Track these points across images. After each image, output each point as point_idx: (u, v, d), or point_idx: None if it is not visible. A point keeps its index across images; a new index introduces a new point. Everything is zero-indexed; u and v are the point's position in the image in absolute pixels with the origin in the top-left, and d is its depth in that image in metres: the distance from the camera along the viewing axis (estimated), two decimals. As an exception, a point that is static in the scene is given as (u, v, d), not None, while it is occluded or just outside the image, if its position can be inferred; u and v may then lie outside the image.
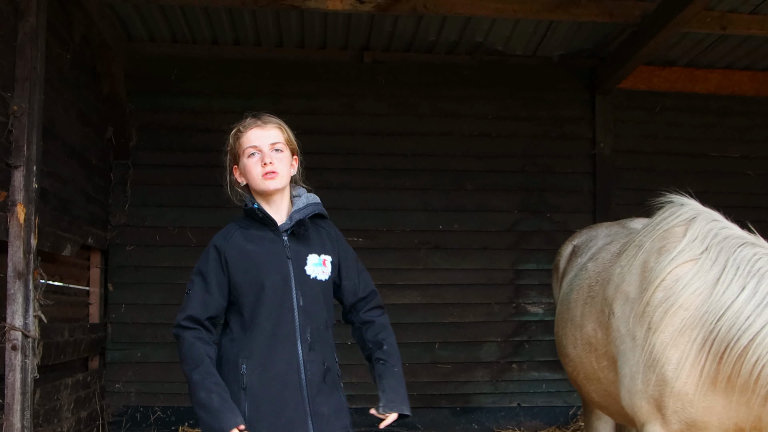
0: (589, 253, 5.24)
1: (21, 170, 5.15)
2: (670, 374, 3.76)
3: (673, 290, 3.83)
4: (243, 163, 3.52)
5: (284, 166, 3.51)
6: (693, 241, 3.93)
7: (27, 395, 5.10)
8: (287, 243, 3.47)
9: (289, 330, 3.37)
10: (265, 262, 3.42)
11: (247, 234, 3.48)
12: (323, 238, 3.59)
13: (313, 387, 3.36)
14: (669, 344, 3.77)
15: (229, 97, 8.40)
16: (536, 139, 8.82)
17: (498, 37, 8.28)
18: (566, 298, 5.17)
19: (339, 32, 8.18)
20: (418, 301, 8.58)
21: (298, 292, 3.41)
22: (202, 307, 3.40)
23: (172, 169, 8.36)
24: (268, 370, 3.33)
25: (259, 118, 3.57)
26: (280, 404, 3.31)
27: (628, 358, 4.05)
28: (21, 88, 5.23)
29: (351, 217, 8.31)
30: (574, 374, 5.04)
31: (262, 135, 3.51)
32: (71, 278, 7.26)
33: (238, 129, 3.57)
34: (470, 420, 8.57)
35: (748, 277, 3.63)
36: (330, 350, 3.51)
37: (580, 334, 4.75)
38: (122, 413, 8.13)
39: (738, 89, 9.08)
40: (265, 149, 3.48)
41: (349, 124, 8.56)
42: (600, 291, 4.55)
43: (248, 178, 3.51)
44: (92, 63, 7.53)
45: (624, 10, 7.22)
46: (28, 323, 5.12)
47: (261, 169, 3.45)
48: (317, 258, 3.51)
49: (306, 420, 3.33)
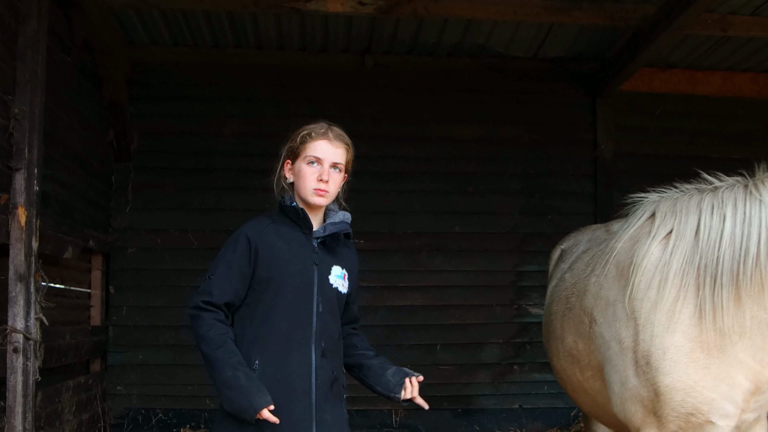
0: (570, 261, 5.22)
1: (22, 173, 5.17)
2: (666, 365, 3.71)
3: (657, 267, 3.85)
4: (300, 166, 3.54)
5: (336, 186, 3.58)
6: (660, 225, 3.99)
7: (28, 398, 5.11)
8: (317, 249, 3.52)
9: (305, 334, 3.40)
10: (293, 263, 3.45)
11: (280, 231, 3.51)
12: (346, 254, 3.67)
13: (321, 393, 3.39)
14: (660, 332, 3.75)
15: (230, 101, 8.42)
16: (537, 143, 8.83)
17: (499, 40, 8.28)
18: (548, 309, 5.16)
19: (340, 36, 8.19)
20: (419, 303, 8.58)
21: (319, 299, 3.45)
22: (222, 293, 3.39)
23: (173, 173, 8.36)
24: (280, 370, 3.35)
25: (331, 131, 3.62)
26: (287, 406, 3.31)
27: (615, 363, 4.01)
28: (22, 91, 5.25)
29: (353, 220, 8.27)
30: (563, 384, 5.05)
31: (329, 151, 3.56)
32: (73, 281, 7.26)
33: (309, 132, 3.58)
34: (472, 422, 8.57)
35: (725, 208, 3.75)
36: (339, 361, 3.56)
37: (561, 346, 4.74)
38: (124, 416, 8.14)
39: (739, 92, 9.06)
40: (326, 165, 3.53)
41: (351, 128, 8.42)
42: (577, 302, 4.52)
43: (300, 183, 3.54)
44: (93, 67, 7.55)
45: (625, 14, 7.21)
46: (30, 326, 5.13)
47: (315, 183, 3.50)
48: (340, 270, 3.58)
49: (311, 425, 3.34)
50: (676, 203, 4.02)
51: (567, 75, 8.91)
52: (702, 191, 3.97)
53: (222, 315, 3.39)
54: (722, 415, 3.67)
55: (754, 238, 3.62)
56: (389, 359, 3.75)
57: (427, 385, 8.35)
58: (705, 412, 3.67)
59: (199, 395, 8.19)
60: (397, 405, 8.30)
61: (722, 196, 3.83)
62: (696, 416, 3.70)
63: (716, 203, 3.81)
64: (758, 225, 3.63)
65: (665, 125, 8.98)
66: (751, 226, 3.64)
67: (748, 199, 3.73)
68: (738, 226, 3.68)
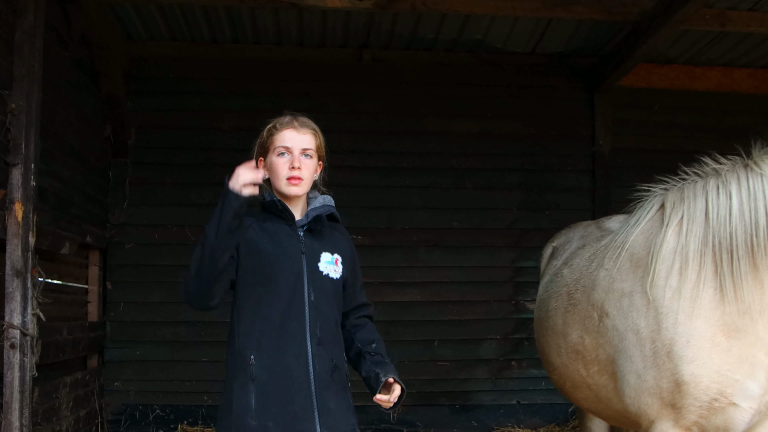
0: (563, 257, 5.23)
1: (19, 168, 5.16)
2: (690, 352, 3.74)
3: (676, 251, 3.91)
4: (271, 159, 3.52)
5: (309, 172, 3.53)
6: (672, 213, 4.06)
7: (26, 394, 5.10)
8: (302, 238, 3.49)
9: (299, 324, 3.38)
10: (280, 255, 3.43)
11: (264, 226, 3.49)
12: (336, 238, 3.63)
13: (321, 382, 3.37)
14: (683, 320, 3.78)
15: (228, 95, 8.41)
16: (536, 138, 8.82)
17: (497, 34, 8.27)
18: (544, 305, 5.14)
19: (338, 30, 8.17)
20: (417, 299, 8.58)
21: (310, 288, 3.43)
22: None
23: (170, 168, 8.35)
24: (277, 362, 3.33)
25: (296, 120, 3.56)
26: (287, 397, 3.31)
27: (631, 354, 4.01)
28: (19, 86, 5.23)
29: (351, 216, 8.25)
30: (561, 382, 5.02)
31: (296, 138, 3.51)
32: (70, 277, 7.25)
33: (274, 125, 3.56)
34: (470, 418, 8.57)
35: (730, 186, 3.85)
36: (339, 348, 3.53)
37: (564, 342, 4.72)
38: (121, 412, 8.13)
39: (738, 87, 9.06)
40: (296, 152, 3.49)
41: (349, 123, 8.55)
42: (583, 298, 4.52)
43: (273, 176, 3.52)
44: (91, 62, 7.53)
45: (623, 8, 7.20)
46: (27, 321, 5.12)
47: (287, 171, 3.47)
48: (330, 256, 3.54)
49: (313, 414, 3.33)
50: (683, 191, 4.11)
51: (565, 70, 8.90)
52: (705, 176, 4.06)
53: None
54: (746, 396, 3.69)
55: (762, 210, 3.71)
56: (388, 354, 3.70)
57: (425, 380, 8.46)
58: (729, 395, 3.69)
59: (196, 391, 8.18)
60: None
61: (725, 176, 3.93)
62: (719, 401, 3.71)
63: (720, 184, 3.91)
64: (764, 198, 3.73)
65: (663, 120, 8.98)
66: (758, 200, 3.74)
67: (750, 175, 3.82)
68: (745, 201, 3.77)
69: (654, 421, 3.92)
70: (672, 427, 3.85)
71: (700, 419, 3.77)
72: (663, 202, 4.20)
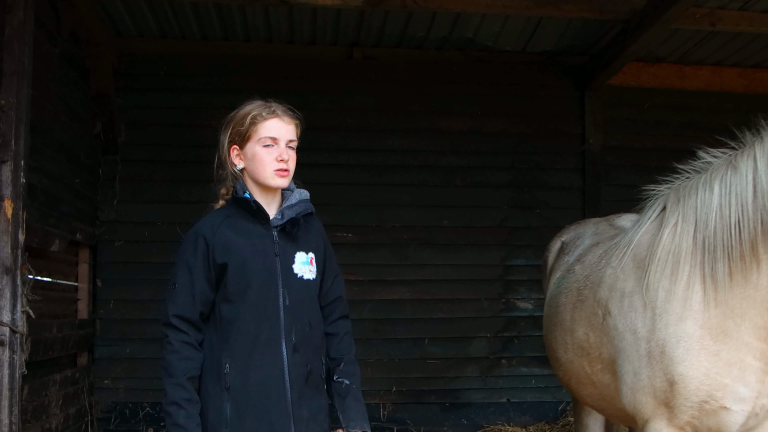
0: (576, 253, 5.23)
1: (8, 165, 5.13)
2: (679, 353, 3.74)
3: (670, 253, 3.90)
4: (254, 150, 3.39)
5: (294, 164, 3.43)
6: (669, 213, 4.05)
7: (15, 391, 5.08)
8: (277, 239, 3.39)
9: (274, 331, 3.29)
10: (253, 258, 3.32)
11: (235, 226, 3.38)
12: (310, 234, 3.51)
13: (296, 390, 3.30)
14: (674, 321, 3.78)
15: (217, 93, 8.36)
16: (526, 136, 8.84)
17: (487, 33, 8.28)
18: (554, 301, 5.14)
19: (328, 28, 8.16)
20: (407, 297, 8.58)
21: (285, 291, 3.33)
22: (191, 303, 3.28)
23: (160, 165, 8.34)
24: (252, 371, 3.26)
25: (278, 109, 3.46)
26: (262, 407, 3.25)
27: (628, 354, 4.03)
28: (8, 83, 5.20)
29: (340, 213, 8.31)
30: (566, 378, 5.01)
31: (283, 129, 3.41)
32: (59, 274, 7.22)
33: (258, 113, 3.42)
34: (460, 416, 8.58)
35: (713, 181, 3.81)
36: (314, 351, 3.42)
37: (570, 338, 4.73)
38: (111, 409, 8.12)
39: (727, 86, 9.10)
40: (283, 144, 3.39)
41: (339, 120, 8.55)
42: (590, 294, 4.53)
43: (256, 167, 3.39)
44: (81, 59, 7.50)
45: (613, 7, 7.22)
46: (16, 319, 5.10)
47: (275, 164, 3.36)
48: (305, 256, 3.43)
49: (288, 423, 3.27)
50: (679, 189, 4.09)
51: (555, 68, 8.92)
52: (700, 171, 4.03)
53: (191, 335, 3.29)
54: (736, 399, 3.68)
55: (734, 207, 3.67)
56: (376, 353, 3.68)
57: (414, 378, 8.46)
58: (719, 399, 3.69)
59: (186, 388, 8.15)
60: (385, 399, 8.33)
61: (713, 170, 3.90)
62: (710, 403, 3.71)
63: (707, 178, 3.88)
64: (737, 195, 3.68)
65: (653, 119, 9.00)
66: (731, 195, 3.69)
67: (728, 168, 3.79)
68: (724, 196, 3.73)
69: (648, 420, 3.93)
70: (666, 426, 3.85)
71: (693, 420, 3.78)
72: (665, 202, 4.19)
